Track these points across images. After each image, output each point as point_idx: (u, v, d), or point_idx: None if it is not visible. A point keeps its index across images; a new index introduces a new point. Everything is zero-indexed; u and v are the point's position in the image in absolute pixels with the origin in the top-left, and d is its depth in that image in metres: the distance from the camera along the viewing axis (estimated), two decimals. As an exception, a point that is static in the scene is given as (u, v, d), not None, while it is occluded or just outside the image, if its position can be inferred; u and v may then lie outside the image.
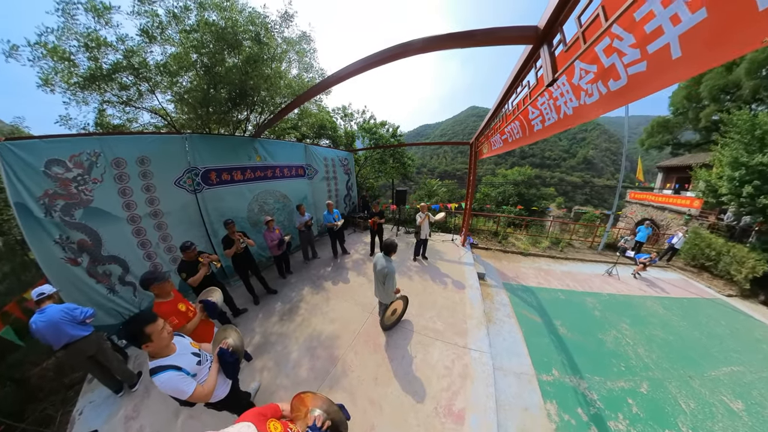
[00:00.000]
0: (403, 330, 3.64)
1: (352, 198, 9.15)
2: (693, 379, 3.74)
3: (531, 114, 2.73)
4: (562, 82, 1.98)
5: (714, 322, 5.35)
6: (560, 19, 1.55)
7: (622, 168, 9.63)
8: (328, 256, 6.24)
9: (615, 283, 6.60)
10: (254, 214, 5.30)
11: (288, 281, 5.10)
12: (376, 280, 3.21)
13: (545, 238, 9.27)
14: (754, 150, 6.99)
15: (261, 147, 5.44)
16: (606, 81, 1.55)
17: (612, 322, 4.87)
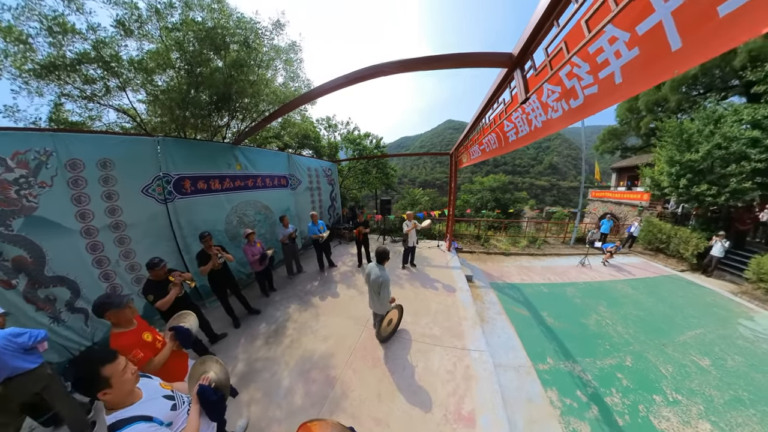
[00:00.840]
0: (400, 340, 3.50)
1: (337, 209, 8.95)
2: (666, 346, 4.23)
3: (506, 127, 3.10)
4: (533, 100, 2.30)
5: (674, 295, 6.18)
6: (531, 48, 1.84)
7: (583, 171, 10.89)
8: (314, 269, 5.94)
9: (589, 272, 7.36)
10: (233, 227, 4.89)
11: (272, 299, 4.71)
12: (371, 290, 3.07)
13: (523, 238, 9.95)
14: (684, 150, 8.38)
15: (242, 155, 5.12)
16: (568, 100, 1.89)
17: (591, 307, 5.33)
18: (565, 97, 1.89)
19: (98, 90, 4.29)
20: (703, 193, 7.99)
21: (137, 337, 1.88)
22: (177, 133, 5.05)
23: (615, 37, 1.33)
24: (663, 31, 1.12)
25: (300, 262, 5.81)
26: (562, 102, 1.96)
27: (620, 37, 1.31)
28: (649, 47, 1.21)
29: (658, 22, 1.12)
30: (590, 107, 1.72)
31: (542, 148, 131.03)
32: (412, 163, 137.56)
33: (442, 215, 8.43)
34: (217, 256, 3.45)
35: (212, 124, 5.25)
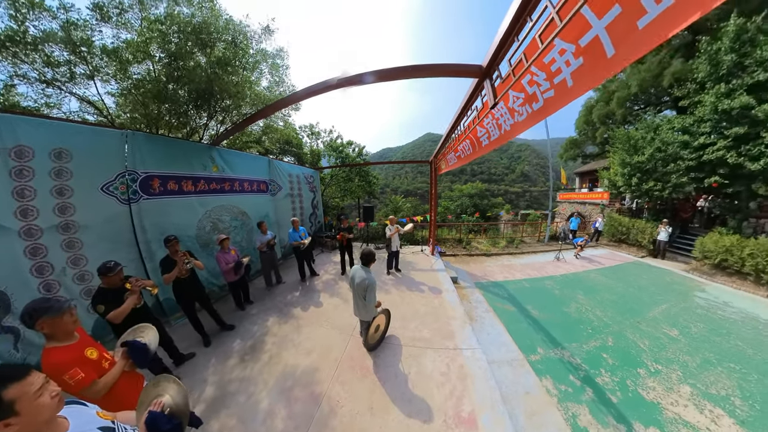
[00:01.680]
0: (390, 346, 3.32)
1: (318, 216, 8.69)
2: (640, 323, 4.65)
3: (479, 132, 3.38)
4: (501, 106, 2.54)
5: (639, 278, 6.98)
6: (497, 60, 2.11)
7: (551, 177, 12.30)
8: (294, 279, 5.61)
9: (564, 266, 7.92)
10: (205, 233, 4.47)
11: (248, 313, 4.31)
12: (355, 295, 2.92)
13: (502, 239, 10.52)
14: (632, 153, 9.83)
15: (219, 156, 4.80)
16: (531, 103, 2.15)
17: (570, 297, 5.65)
18: (528, 101, 2.16)
19: (61, 75, 3.86)
20: (651, 189, 9.34)
21: (78, 353, 1.55)
22: (149, 130, 4.68)
23: (564, 49, 1.60)
24: (600, 42, 1.38)
25: (279, 271, 5.46)
26: (525, 106, 2.22)
27: (568, 49, 1.58)
28: (591, 55, 1.47)
29: (595, 36, 1.39)
30: (549, 108, 2.00)
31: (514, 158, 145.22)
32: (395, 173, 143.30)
33: (424, 221, 8.57)
34: (184, 261, 3.07)
35: (189, 123, 4.95)
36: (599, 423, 2.65)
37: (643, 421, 2.69)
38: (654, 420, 2.71)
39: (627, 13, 1.21)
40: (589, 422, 2.65)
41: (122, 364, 1.73)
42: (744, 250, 6.65)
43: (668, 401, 2.96)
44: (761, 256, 6.29)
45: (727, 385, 3.22)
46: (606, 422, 2.66)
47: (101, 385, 1.56)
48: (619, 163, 10.35)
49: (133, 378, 1.88)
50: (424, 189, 74.13)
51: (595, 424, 2.63)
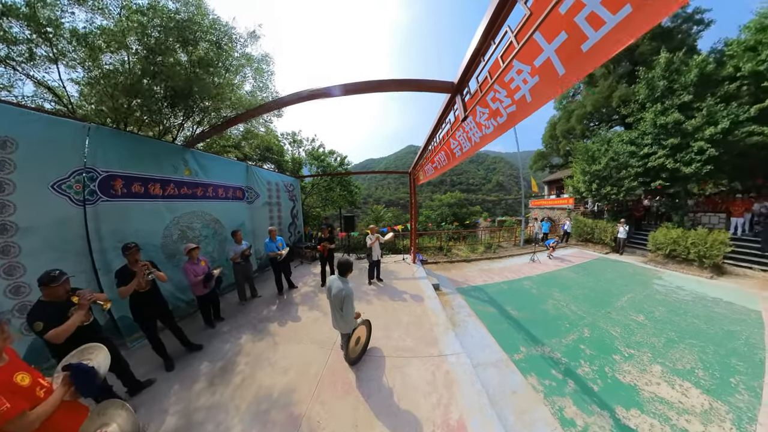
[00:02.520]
0: (373, 358, 3.19)
1: (298, 226, 8.42)
2: (610, 313, 5.03)
3: (452, 144, 3.63)
4: (470, 120, 2.79)
5: (605, 272, 7.73)
6: (467, 78, 2.29)
7: (522, 186, 13.49)
8: (271, 293, 5.27)
9: (538, 266, 8.42)
10: (172, 242, 4.09)
11: (218, 331, 3.95)
12: (333, 307, 2.81)
13: (480, 245, 10.98)
14: (591, 163, 11.26)
15: (193, 159, 4.51)
16: (495, 118, 2.36)
17: (546, 295, 5.94)
18: (493, 116, 2.38)
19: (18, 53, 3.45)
20: (608, 193, 10.80)
21: (5, 377, 1.32)
22: (117, 125, 4.29)
23: (521, 69, 1.80)
24: (552, 63, 1.57)
25: (255, 284, 5.11)
26: (491, 120, 2.45)
27: (524, 69, 1.78)
28: (545, 74, 1.67)
29: (547, 57, 1.58)
30: (513, 121, 2.24)
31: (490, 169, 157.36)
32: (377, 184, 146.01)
33: (405, 230, 8.66)
34: (144, 272, 2.74)
35: (163, 122, 4.61)
36: (584, 413, 2.71)
37: (624, 404, 2.82)
38: (634, 402, 2.86)
39: (572, 38, 1.40)
40: (575, 413, 2.71)
41: (62, 392, 1.47)
42: (688, 240, 7.84)
43: (643, 382, 3.16)
44: (701, 244, 7.49)
45: (690, 360, 3.60)
46: (590, 411, 2.74)
47: (33, 418, 1.32)
48: (580, 171, 11.82)
49: (75, 409, 1.60)
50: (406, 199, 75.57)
51: (580, 414, 2.69)
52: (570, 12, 1.33)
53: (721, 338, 4.16)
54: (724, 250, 7.27)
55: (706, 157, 8.07)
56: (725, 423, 2.60)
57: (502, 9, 1.61)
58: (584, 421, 2.62)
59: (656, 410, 2.73)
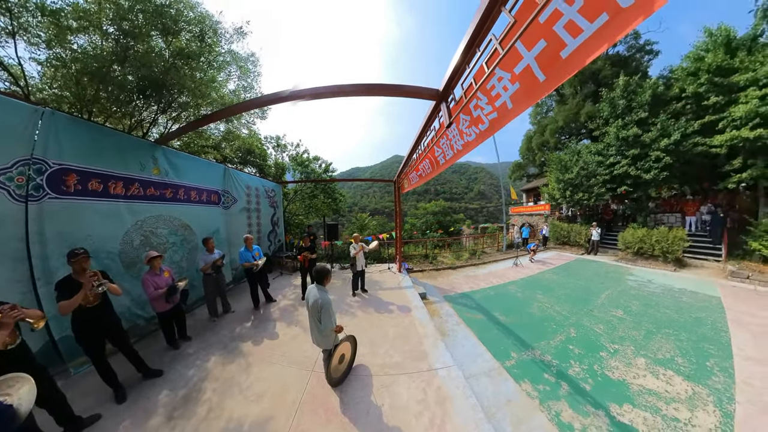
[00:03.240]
0: (358, 378, 2.93)
1: (279, 235, 7.99)
2: (592, 311, 5.22)
3: (436, 152, 3.73)
4: (454, 127, 2.86)
5: (583, 272, 8.22)
6: (452, 85, 2.32)
7: (503, 195, 14.84)
8: (246, 307, 4.81)
9: (522, 270, 8.68)
10: (133, 249, 3.62)
11: (183, 353, 3.46)
12: (311, 319, 2.58)
13: (465, 252, 11.19)
14: (564, 172, 12.25)
15: (164, 157, 4.10)
16: (477, 125, 2.42)
17: (531, 298, 6.03)
18: (475, 123, 2.43)
19: None
20: (580, 199, 11.89)
21: None
22: (79, 114, 3.84)
23: (501, 77, 1.86)
24: (532, 70, 1.63)
25: (227, 298, 4.65)
26: (473, 127, 2.50)
27: (504, 77, 1.84)
28: (525, 81, 1.73)
29: (527, 65, 1.64)
30: (494, 128, 2.29)
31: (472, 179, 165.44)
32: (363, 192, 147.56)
33: (390, 238, 8.56)
34: (93, 283, 2.34)
35: (134, 114, 4.25)
36: (580, 415, 2.66)
37: (617, 400, 2.85)
38: (625, 397, 2.90)
39: (551, 46, 1.46)
40: (572, 417, 2.64)
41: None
42: (652, 238, 8.80)
43: (631, 376, 3.24)
44: (664, 241, 8.47)
45: (668, 349, 3.81)
46: (586, 412, 2.70)
47: None
48: (554, 180, 12.83)
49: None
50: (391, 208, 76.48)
51: (577, 417, 2.63)
52: (549, 21, 1.39)
53: (691, 325, 4.52)
54: (683, 245, 8.28)
55: (662, 165, 9.41)
56: (708, 406, 2.73)
57: (487, 17, 1.65)
58: (581, 424, 2.56)
59: (647, 402, 2.80)
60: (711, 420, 2.57)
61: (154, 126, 4.96)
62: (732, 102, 8.02)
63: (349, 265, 5.71)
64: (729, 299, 5.61)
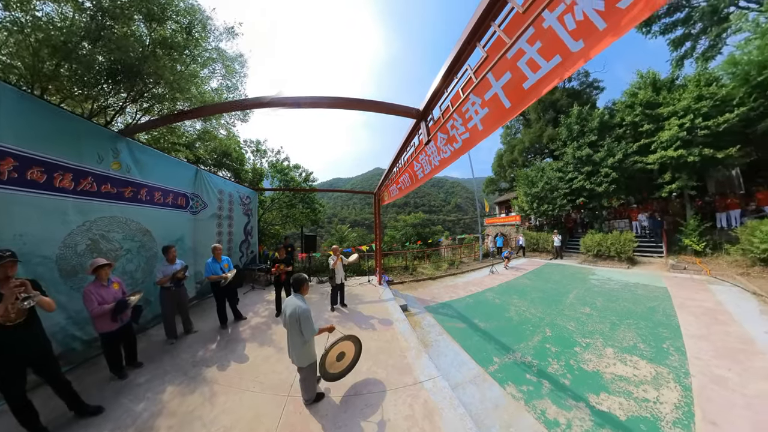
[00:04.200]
0: (341, 399, 2.73)
1: (252, 245, 7.44)
2: (563, 310, 5.60)
3: (416, 167, 3.96)
4: (432, 144, 3.13)
5: (553, 275, 9.00)
6: (431, 106, 2.54)
7: (478, 207, 16.06)
8: (211, 326, 4.29)
9: (498, 277, 9.12)
10: (75, 255, 3.08)
11: (131, 383, 2.90)
12: (290, 332, 2.37)
13: (444, 262, 11.54)
14: (531, 186, 13.99)
15: (127, 151, 3.67)
16: (452, 143, 2.68)
17: (508, 303, 6.33)
18: (450, 142, 2.68)
19: None
20: (546, 210, 13.55)
21: None
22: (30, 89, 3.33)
23: (474, 101, 2.11)
24: (499, 97, 1.89)
25: (189, 316, 4.09)
26: (448, 145, 2.75)
27: (477, 101, 2.08)
28: (493, 107, 1.99)
29: (495, 92, 1.90)
30: (466, 147, 2.55)
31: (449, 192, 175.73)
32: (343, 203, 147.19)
33: (370, 250, 8.48)
34: (18, 295, 1.93)
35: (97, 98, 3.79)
36: (563, 409, 2.74)
37: (593, 390, 3.03)
38: (600, 386, 3.10)
39: (515, 78, 1.73)
40: (556, 413, 2.71)
41: None
42: (608, 241, 10.29)
43: (603, 366, 3.50)
44: (617, 243, 9.94)
45: (631, 337, 4.23)
46: (568, 406, 2.78)
47: None
48: (523, 193, 14.49)
49: None
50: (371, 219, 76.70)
51: (561, 412, 2.70)
52: (514, 57, 1.66)
53: (647, 314, 5.11)
54: (632, 245, 9.78)
55: (611, 179, 11.18)
56: (670, 383, 3.05)
57: (464, 50, 1.91)
58: (566, 418, 2.63)
59: (620, 388, 3.02)
60: (674, 395, 2.85)
61: (120, 115, 4.48)
62: (660, 129, 9.83)
63: (328, 278, 5.46)
64: (673, 288, 6.54)
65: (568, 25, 1.35)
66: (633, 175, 11.14)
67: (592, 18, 1.25)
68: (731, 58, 8.40)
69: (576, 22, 1.32)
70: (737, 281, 6.51)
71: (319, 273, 8.14)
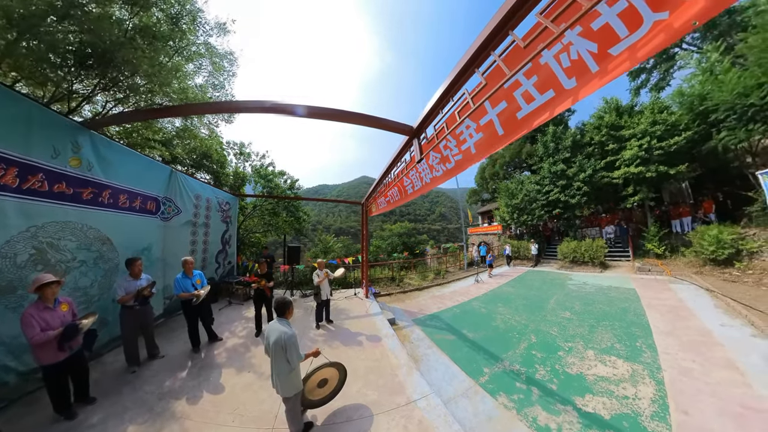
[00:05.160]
0: (332, 427, 2.53)
1: (229, 255, 6.96)
2: (545, 316, 5.80)
3: (405, 182, 4.02)
4: (424, 162, 3.21)
5: (534, 281, 9.45)
6: (425, 125, 2.54)
7: (462, 217, 17.07)
8: (181, 350, 3.82)
9: (483, 286, 9.32)
10: (14, 267, 2.63)
11: (81, 424, 2.43)
12: (274, 360, 2.16)
13: (430, 272, 11.57)
14: (511, 198, 15.12)
15: (90, 146, 3.29)
16: (445, 163, 2.77)
17: (494, 311, 6.42)
18: (443, 162, 2.76)
19: None
20: (525, 221, 14.58)
21: None
22: None
23: (469, 125, 2.20)
24: (494, 124, 1.98)
25: (154, 339, 3.61)
26: (441, 165, 2.82)
27: (472, 126, 2.17)
28: (487, 133, 2.08)
29: (490, 119, 1.99)
30: (459, 168, 2.63)
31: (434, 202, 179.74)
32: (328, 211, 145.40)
33: (356, 261, 8.29)
34: None
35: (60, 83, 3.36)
36: (553, 414, 2.78)
37: (579, 392, 3.12)
38: (584, 388, 3.20)
39: (510, 107, 1.82)
40: (547, 418, 2.73)
41: None
42: (582, 248, 11.21)
43: (585, 368, 3.63)
44: (590, 250, 10.88)
45: (608, 338, 4.44)
46: (557, 410, 2.83)
47: None
48: (504, 204, 15.43)
49: None
50: (357, 228, 75.48)
51: (551, 418, 2.73)
52: (511, 87, 1.75)
53: (620, 314, 5.43)
54: (604, 251, 10.72)
55: (582, 192, 12.35)
56: (645, 379, 3.23)
57: (463, 74, 1.94)
58: (556, 423, 2.67)
59: (602, 389, 3.15)
60: (650, 390, 3.03)
61: (87, 103, 4.00)
62: (623, 148, 11.03)
63: (313, 294, 5.20)
64: (641, 289, 7.10)
65: (563, 62, 1.48)
66: (601, 187, 12.31)
67: (585, 58, 1.38)
68: (679, 90, 9.69)
69: (570, 61, 1.45)
70: (693, 279, 7.23)
71: (302, 285, 7.74)
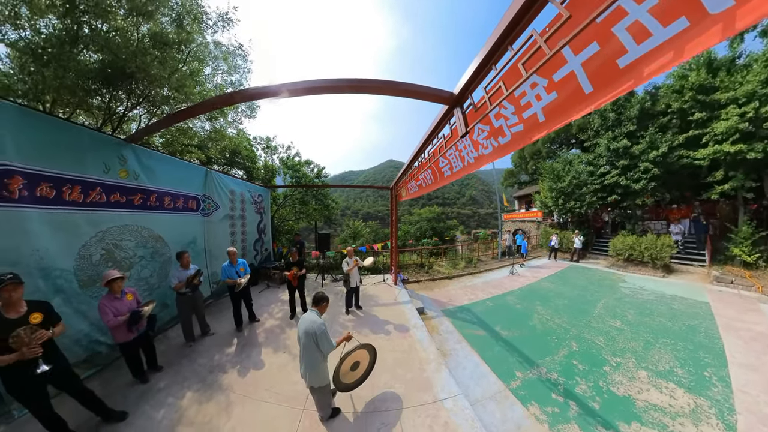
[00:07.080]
0: (358, 416, 2.62)
1: (266, 243, 7.49)
2: (591, 322, 5.11)
3: (441, 163, 3.40)
4: (467, 138, 2.50)
5: (578, 280, 8.17)
6: (470, 88, 1.92)
7: (498, 202, 14.42)
8: (227, 329, 4.32)
9: (518, 279, 8.54)
10: (91, 265, 3.13)
11: (152, 388, 2.97)
12: (304, 350, 2.27)
13: (461, 260, 10.88)
14: (557, 181, 12.31)
15: (134, 158, 3.64)
16: (497, 137, 2.14)
17: (531, 309, 5.85)
18: (494, 135, 2.15)
19: None
20: (572, 208, 11.99)
21: None
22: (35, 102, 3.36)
23: (536, 83, 1.56)
24: (576, 78, 1.36)
25: (205, 318, 4.14)
26: (491, 139, 2.22)
27: (540, 83, 1.54)
28: (565, 91, 1.45)
29: (570, 71, 1.36)
30: (516, 143, 1.99)
31: (464, 184, 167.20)
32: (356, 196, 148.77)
33: (384, 247, 8.23)
34: (30, 335, 1.87)
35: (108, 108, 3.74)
36: None
37: (625, 418, 2.75)
38: (632, 414, 2.81)
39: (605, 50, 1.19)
40: None
41: None
42: (642, 245, 9.05)
43: (635, 391, 3.18)
44: (653, 248, 8.70)
45: (668, 359, 3.80)
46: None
47: None
48: (547, 188, 12.88)
49: None
50: (384, 212, 76.03)
51: None
52: (608, 20, 1.11)
53: (685, 333, 4.56)
54: (670, 251, 8.52)
55: (651, 176, 9.70)
56: (711, 419, 2.70)
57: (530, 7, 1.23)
58: None
59: (653, 419, 2.73)
60: None
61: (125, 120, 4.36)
62: (714, 118, 8.34)
63: (343, 281, 5.34)
64: (717, 304, 5.74)
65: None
66: (676, 171, 9.69)
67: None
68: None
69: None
70: (799, 304, 5.59)
71: (333, 270, 8.08)
